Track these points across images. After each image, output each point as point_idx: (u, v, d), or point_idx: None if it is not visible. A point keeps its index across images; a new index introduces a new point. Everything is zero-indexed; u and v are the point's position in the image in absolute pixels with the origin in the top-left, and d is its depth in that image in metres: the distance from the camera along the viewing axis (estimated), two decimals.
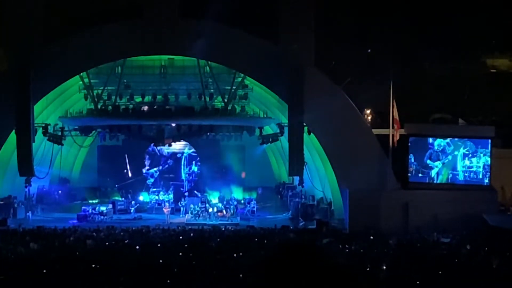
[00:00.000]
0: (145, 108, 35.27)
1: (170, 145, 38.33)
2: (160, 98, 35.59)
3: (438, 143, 32.92)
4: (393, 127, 32.33)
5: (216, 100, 36.24)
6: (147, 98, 35.70)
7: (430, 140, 33.11)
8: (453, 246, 26.96)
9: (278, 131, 34.57)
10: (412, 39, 39.97)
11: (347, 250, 25.84)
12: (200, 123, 35.63)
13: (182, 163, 41.14)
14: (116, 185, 40.76)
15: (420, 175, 33.09)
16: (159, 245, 26.57)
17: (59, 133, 35.38)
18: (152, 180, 40.27)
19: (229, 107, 35.55)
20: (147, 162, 41.23)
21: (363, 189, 31.86)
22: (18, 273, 21.08)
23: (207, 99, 35.27)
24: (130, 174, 40.99)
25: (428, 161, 32.91)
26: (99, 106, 35.49)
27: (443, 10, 40.92)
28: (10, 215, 33.86)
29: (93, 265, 22.03)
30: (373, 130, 33.94)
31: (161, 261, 22.96)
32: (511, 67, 43.52)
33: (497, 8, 40.89)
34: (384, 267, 21.51)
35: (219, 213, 35.25)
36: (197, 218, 34.94)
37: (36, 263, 22.65)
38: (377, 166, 32.68)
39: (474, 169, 32.86)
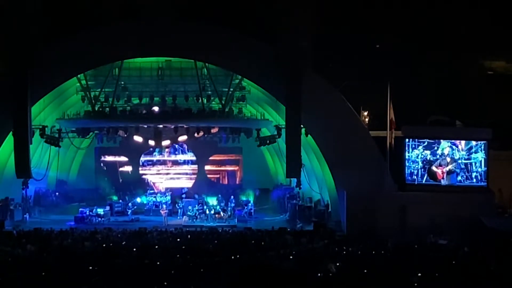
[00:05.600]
0: (143, 110, 35.31)
1: (167, 147, 38.18)
2: (158, 100, 35.55)
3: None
4: (390, 129, 32.34)
5: (213, 102, 36.24)
6: (145, 100, 35.67)
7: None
8: (451, 248, 26.97)
9: (276, 133, 34.59)
10: (409, 41, 40.00)
11: (344, 252, 25.84)
12: (197, 125, 35.65)
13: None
14: (113, 187, 40.68)
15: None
16: (156, 247, 26.55)
17: (57, 135, 35.37)
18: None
19: (227, 109, 35.56)
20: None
21: (361, 191, 31.82)
22: (15, 275, 21.05)
23: (205, 101, 35.27)
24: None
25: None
26: (96, 108, 35.48)
27: (439, 12, 40.99)
28: (7, 217, 33.79)
29: (91, 267, 22.04)
30: (370, 132, 33.96)
31: (158, 263, 22.97)
32: (508, 69, 43.60)
33: (494, 11, 40.95)
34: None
35: (216, 215, 35.27)
36: (194, 220, 34.93)
37: (34, 265, 22.65)
38: (375, 168, 32.66)
39: (473, 173, 32.84)
